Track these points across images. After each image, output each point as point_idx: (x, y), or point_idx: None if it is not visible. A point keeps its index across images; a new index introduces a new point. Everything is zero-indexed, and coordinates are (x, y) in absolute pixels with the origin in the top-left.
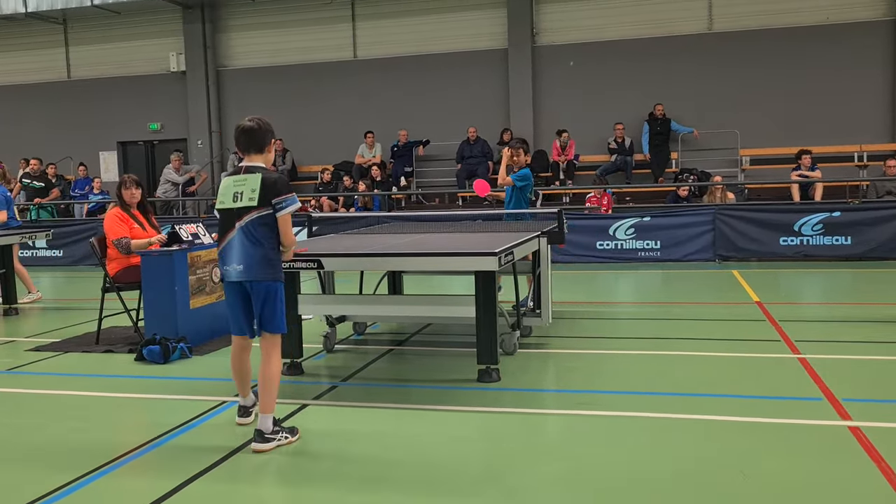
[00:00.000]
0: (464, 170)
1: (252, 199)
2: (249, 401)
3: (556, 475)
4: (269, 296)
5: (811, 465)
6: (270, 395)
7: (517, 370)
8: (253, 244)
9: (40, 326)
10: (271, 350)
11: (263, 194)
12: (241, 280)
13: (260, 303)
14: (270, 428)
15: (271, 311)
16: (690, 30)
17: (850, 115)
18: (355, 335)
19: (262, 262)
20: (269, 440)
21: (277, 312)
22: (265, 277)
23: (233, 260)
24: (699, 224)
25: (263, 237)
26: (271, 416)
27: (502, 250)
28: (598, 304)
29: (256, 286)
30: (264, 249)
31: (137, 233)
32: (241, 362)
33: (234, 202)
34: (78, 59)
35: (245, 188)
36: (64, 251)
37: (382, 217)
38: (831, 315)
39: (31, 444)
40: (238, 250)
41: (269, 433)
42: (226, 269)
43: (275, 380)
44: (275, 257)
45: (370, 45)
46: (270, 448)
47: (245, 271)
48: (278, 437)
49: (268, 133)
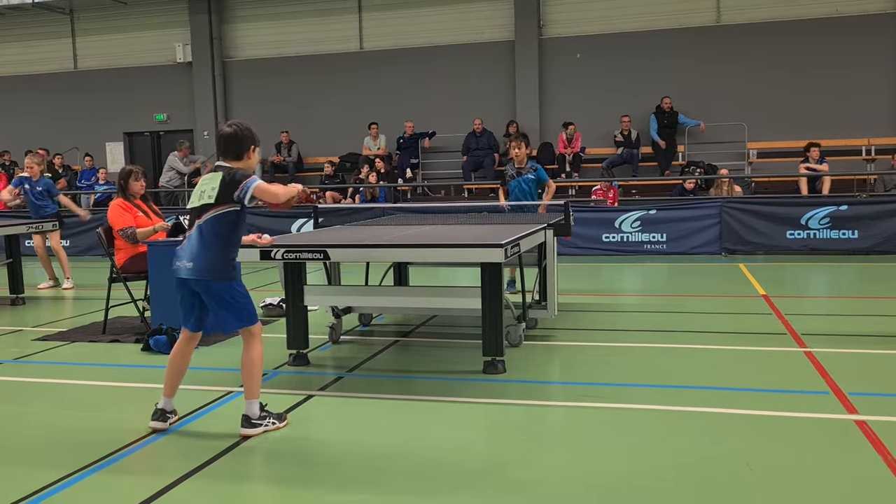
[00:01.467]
0: (469, 162)
1: (211, 196)
2: (170, 405)
3: (561, 467)
4: (222, 297)
5: (817, 459)
6: (254, 381)
7: (522, 362)
8: (206, 243)
9: (47, 316)
10: (249, 340)
11: (222, 190)
12: (187, 278)
13: (214, 304)
14: (257, 413)
15: (232, 311)
16: (698, 22)
17: (859, 108)
18: (361, 326)
19: (212, 264)
20: (255, 425)
21: (240, 309)
22: (213, 278)
23: (184, 256)
24: (705, 217)
25: (218, 237)
26: (257, 402)
27: (508, 242)
28: (604, 296)
29: (206, 287)
30: (215, 251)
31: (142, 221)
32: (181, 356)
33: (199, 200)
34: (85, 49)
35: (207, 187)
36: (70, 241)
37: (388, 209)
38: (838, 309)
39: (37, 433)
40: (191, 247)
41: (255, 418)
42: (177, 264)
43: (256, 366)
44: (226, 259)
45: (376, 36)
46: (258, 433)
47: (193, 270)
48: (265, 422)
49: (246, 139)
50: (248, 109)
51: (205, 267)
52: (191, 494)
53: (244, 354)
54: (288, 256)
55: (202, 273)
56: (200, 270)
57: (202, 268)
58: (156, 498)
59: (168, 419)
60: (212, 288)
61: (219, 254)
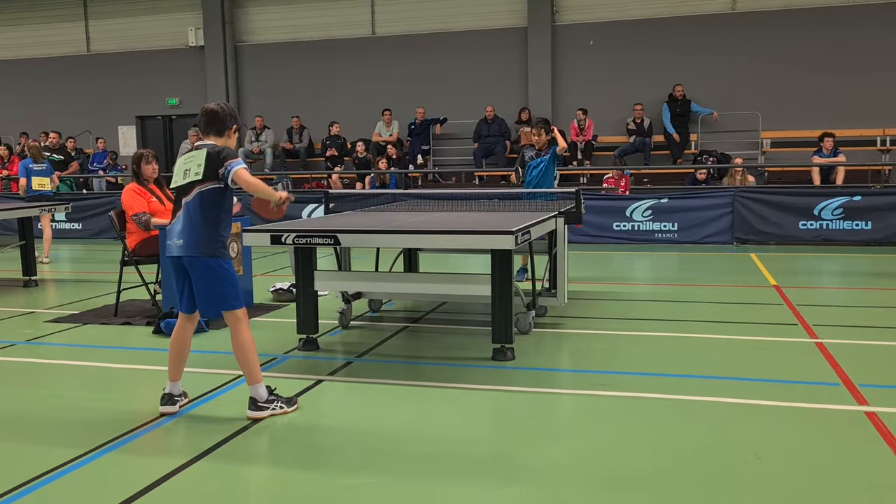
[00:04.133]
0: (481, 148)
1: (197, 173)
2: (177, 389)
3: (568, 455)
4: (209, 273)
5: (827, 450)
6: (249, 365)
7: (532, 350)
8: (195, 219)
9: (59, 298)
10: (235, 325)
11: (208, 166)
12: (180, 255)
13: (200, 281)
14: (264, 396)
15: (216, 290)
16: (713, 9)
17: (874, 98)
18: (371, 312)
19: (201, 239)
20: (262, 408)
21: (225, 292)
22: (202, 253)
23: (174, 234)
24: (717, 206)
25: (206, 213)
26: (262, 385)
27: (519, 229)
28: (615, 284)
29: (194, 262)
30: (204, 227)
31: (155, 206)
32: (180, 339)
33: (184, 178)
34: (97, 33)
35: (192, 164)
36: (83, 224)
37: (399, 195)
38: (849, 300)
39: (48, 414)
40: (181, 225)
41: (262, 401)
42: (168, 243)
43: (248, 350)
44: (215, 235)
45: (389, 21)
46: (265, 416)
47: (184, 246)
48: (272, 406)
49: (229, 118)
50: (260, 94)
51: (194, 242)
52: (200, 476)
53: (233, 341)
54: (299, 241)
55: (192, 249)
56: (190, 246)
57: (191, 243)
58: (166, 479)
59: (177, 402)
60: (200, 264)
61: (207, 229)
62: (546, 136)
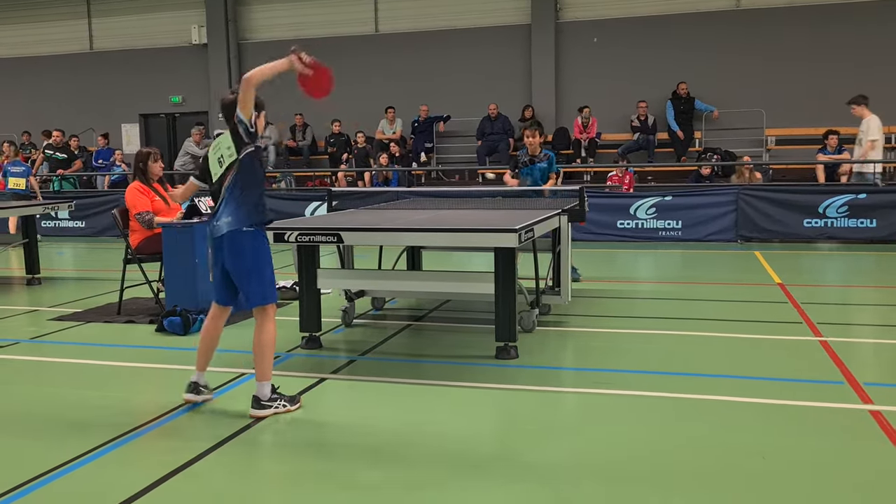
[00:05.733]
0: (484, 146)
1: (231, 154)
2: (202, 379)
3: (572, 453)
4: (244, 250)
5: (832, 449)
6: (265, 362)
7: (535, 348)
8: (239, 199)
9: (63, 296)
10: (263, 319)
11: (234, 140)
12: (226, 231)
13: (236, 259)
14: (267, 395)
15: (252, 268)
16: (717, 6)
17: (879, 95)
18: (373, 310)
19: (246, 209)
20: (265, 407)
21: (262, 271)
22: (249, 224)
23: (221, 214)
24: (721, 204)
25: (246, 187)
26: (268, 384)
27: (522, 227)
28: (618, 283)
29: (235, 239)
30: (249, 193)
31: (159, 205)
32: (210, 330)
33: (221, 166)
34: (100, 30)
35: (222, 150)
36: (86, 222)
37: (402, 192)
38: (854, 298)
39: (52, 412)
40: (226, 202)
41: (265, 400)
42: (216, 224)
43: (268, 348)
44: (259, 201)
45: (392, 19)
46: (267, 415)
47: (232, 221)
48: (275, 404)
49: (259, 105)
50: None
51: (244, 214)
52: (203, 474)
53: (256, 335)
54: (301, 239)
55: (239, 223)
56: (239, 220)
57: (242, 216)
58: (169, 478)
59: (201, 393)
60: (242, 240)
61: (251, 197)
62: (540, 139)
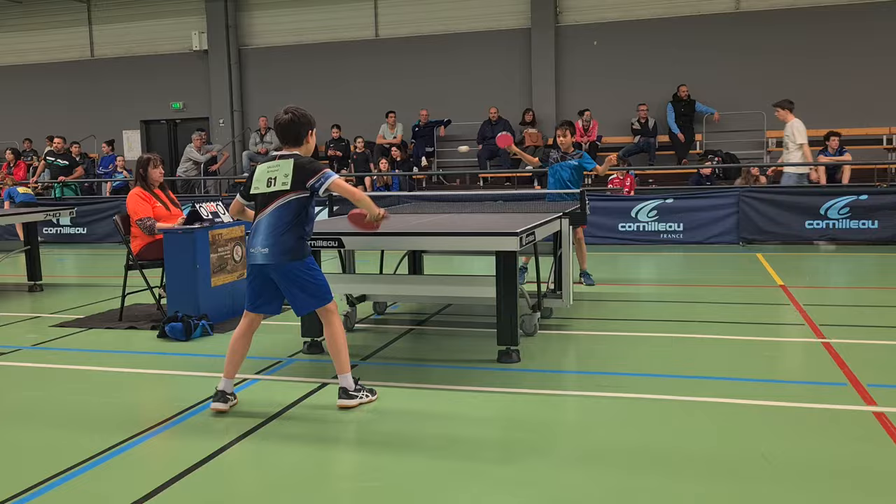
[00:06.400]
0: (485, 150)
1: (285, 183)
2: (229, 386)
3: (575, 457)
4: (296, 277)
5: (835, 450)
6: (340, 355)
7: (537, 351)
8: (281, 228)
9: (65, 303)
10: (328, 318)
11: (296, 178)
12: (264, 263)
13: (292, 286)
14: (353, 385)
15: (309, 291)
16: (717, 9)
17: (880, 96)
18: (375, 315)
19: (289, 247)
20: (353, 397)
21: (317, 289)
22: (291, 259)
23: (258, 243)
24: (723, 206)
25: (291, 222)
26: (349, 375)
27: (524, 230)
28: (620, 286)
29: (282, 269)
30: (290, 234)
31: (160, 211)
32: (244, 338)
33: (269, 187)
34: (101, 37)
35: (279, 173)
36: (88, 229)
37: (403, 196)
38: (856, 300)
39: (54, 418)
40: (265, 233)
41: (352, 390)
42: (251, 251)
43: (339, 341)
44: (302, 241)
45: (392, 24)
46: (355, 405)
47: (270, 255)
48: (360, 394)
49: (304, 125)
50: (264, 98)
51: (281, 251)
52: (205, 480)
53: (327, 333)
54: None
55: (279, 257)
56: (277, 255)
57: (277, 252)
58: (168, 485)
59: (228, 401)
60: (288, 269)
61: (294, 237)
62: (571, 138)
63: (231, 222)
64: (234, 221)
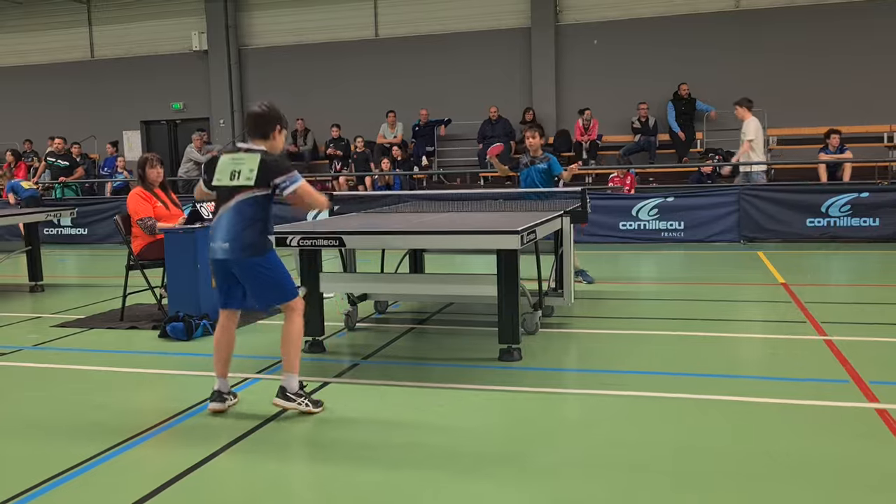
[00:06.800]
0: (485, 149)
1: (249, 178)
2: (225, 385)
3: (576, 455)
4: (258, 273)
5: (838, 448)
6: (290, 354)
7: (539, 350)
8: (242, 223)
9: (66, 303)
10: (290, 315)
11: (262, 175)
12: (224, 258)
13: (251, 280)
14: (295, 388)
15: (269, 284)
16: (717, 7)
17: (880, 94)
18: (376, 314)
19: (249, 242)
20: (290, 399)
21: (279, 282)
22: (250, 255)
23: (219, 237)
24: (724, 205)
25: (253, 217)
26: (296, 378)
27: (524, 229)
28: (621, 284)
29: (241, 264)
30: (252, 229)
31: (160, 211)
32: (224, 336)
33: (231, 180)
34: (101, 38)
35: (244, 167)
36: (88, 229)
37: (404, 196)
38: (858, 297)
39: (55, 418)
40: (225, 228)
41: (292, 392)
42: (212, 245)
43: (295, 341)
44: (261, 237)
45: (392, 24)
46: (290, 407)
47: (230, 250)
48: (299, 400)
49: (273, 120)
50: (264, 97)
51: (241, 246)
52: (206, 478)
53: (284, 328)
54: (303, 243)
55: (239, 252)
56: (237, 250)
57: (239, 247)
58: (173, 482)
59: (226, 400)
60: (249, 264)
61: (255, 232)
62: (540, 140)
63: None
64: None
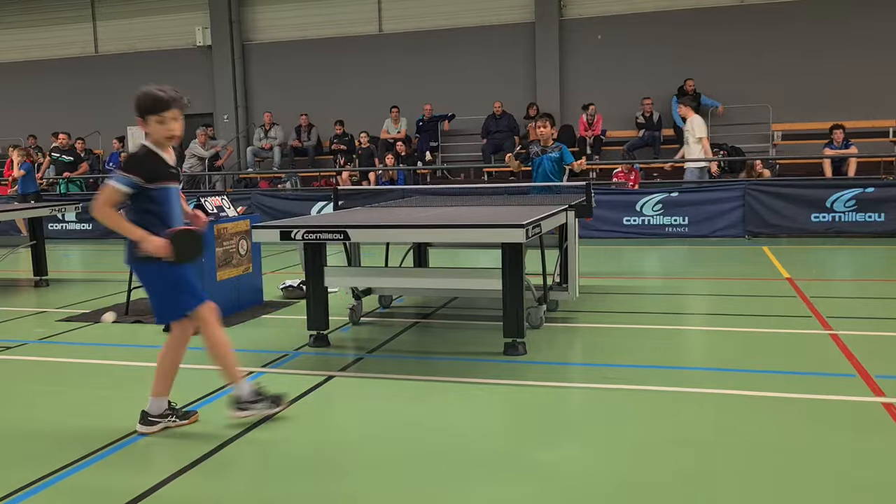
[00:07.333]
0: (489, 144)
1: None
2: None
3: (581, 449)
4: (144, 280)
5: (844, 442)
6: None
7: (543, 344)
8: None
9: (71, 297)
10: (201, 327)
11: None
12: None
13: (146, 288)
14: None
15: (152, 295)
16: (721, 2)
17: (885, 89)
18: (381, 308)
19: (129, 243)
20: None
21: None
22: (133, 259)
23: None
24: (728, 200)
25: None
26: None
27: (529, 222)
28: (626, 279)
29: (136, 269)
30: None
31: None
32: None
33: None
34: (105, 33)
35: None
36: (93, 224)
37: (408, 190)
38: (863, 292)
39: (61, 412)
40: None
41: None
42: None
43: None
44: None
45: (396, 18)
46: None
47: (125, 252)
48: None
49: (139, 108)
50: (268, 92)
51: (127, 248)
52: (212, 470)
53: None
54: (308, 237)
55: (126, 255)
56: (125, 252)
57: (126, 249)
58: (177, 476)
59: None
60: (136, 270)
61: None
62: (552, 129)
63: (236, 216)
64: (240, 216)
